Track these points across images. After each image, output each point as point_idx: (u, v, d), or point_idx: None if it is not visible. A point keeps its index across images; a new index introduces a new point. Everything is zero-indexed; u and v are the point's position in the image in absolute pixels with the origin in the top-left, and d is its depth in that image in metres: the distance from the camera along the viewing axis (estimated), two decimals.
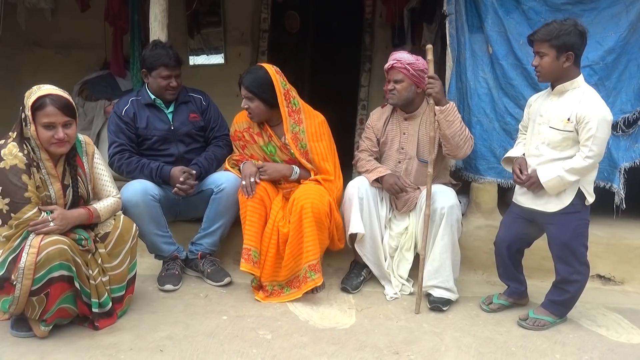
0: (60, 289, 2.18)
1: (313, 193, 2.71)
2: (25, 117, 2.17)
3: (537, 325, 2.55)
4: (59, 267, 2.15)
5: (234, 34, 4.88)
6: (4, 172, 2.13)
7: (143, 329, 2.38)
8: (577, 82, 2.40)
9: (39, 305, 2.15)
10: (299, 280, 2.71)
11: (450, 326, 2.56)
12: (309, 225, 2.65)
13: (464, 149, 2.77)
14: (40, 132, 2.17)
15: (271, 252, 2.73)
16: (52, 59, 4.98)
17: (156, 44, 2.94)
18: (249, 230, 2.73)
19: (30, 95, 2.18)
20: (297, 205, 2.69)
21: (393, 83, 2.82)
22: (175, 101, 2.97)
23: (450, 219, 2.70)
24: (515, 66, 2.98)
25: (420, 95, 2.88)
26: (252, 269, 2.71)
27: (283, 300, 2.72)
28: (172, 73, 2.86)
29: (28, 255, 2.09)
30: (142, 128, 2.89)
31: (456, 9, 3.04)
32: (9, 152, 2.15)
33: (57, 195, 2.26)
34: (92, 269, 2.30)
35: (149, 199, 2.67)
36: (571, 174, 2.36)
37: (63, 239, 2.17)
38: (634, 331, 2.59)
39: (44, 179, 2.23)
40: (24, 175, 2.15)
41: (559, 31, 2.31)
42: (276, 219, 2.74)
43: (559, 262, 2.52)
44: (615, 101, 2.96)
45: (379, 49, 4.87)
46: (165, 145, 2.92)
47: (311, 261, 2.66)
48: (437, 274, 2.73)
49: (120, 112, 2.88)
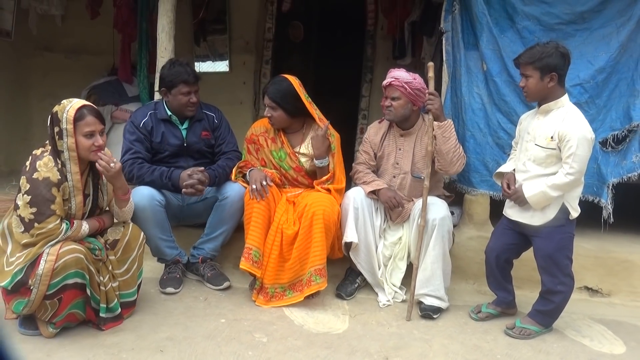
0: (72, 295, 2.29)
1: (325, 201, 2.85)
2: (61, 131, 2.27)
3: (523, 335, 2.65)
4: (74, 275, 2.26)
5: (239, 42, 5.00)
6: (37, 183, 2.22)
7: (144, 329, 2.49)
8: (561, 101, 2.52)
9: (51, 308, 2.27)
10: (302, 284, 2.82)
11: (439, 333, 2.66)
12: (319, 231, 2.77)
13: (456, 166, 2.89)
14: (81, 142, 2.28)
15: (274, 253, 2.83)
16: (62, 64, 5.11)
17: (173, 62, 3.02)
18: (253, 230, 2.82)
19: (65, 110, 2.28)
20: (308, 211, 2.80)
21: (390, 100, 2.92)
22: (191, 118, 3.05)
23: (442, 230, 2.80)
24: (509, 83, 3.08)
25: (416, 112, 2.99)
26: (251, 267, 2.80)
27: (285, 304, 2.81)
28: (191, 89, 2.94)
29: (46, 263, 2.20)
30: (157, 142, 2.98)
31: (452, 27, 3.16)
32: (44, 164, 2.25)
33: (77, 207, 2.36)
34: (103, 275, 2.42)
35: (155, 204, 2.78)
36: (553, 189, 2.47)
37: (80, 248, 2.29)
38: (617, 342, 2.68)
39: (70, 191, 2.32)
40: (54, 188, 2.24)
41: (541, 54, 2.43)
42: (280, 221, 2.85)
43: (543, 273, 2.63)
44: (605, 119, 3.05)
45: (380, 60, 4.98)
46: (176, 158, 3.02)
47: (317, 265, 2.78)
48: (428, 282, 2.83)
49: (138, 124, 2.97)
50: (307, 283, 2.80)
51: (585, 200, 3.05)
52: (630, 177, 3.02)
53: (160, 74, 3.06)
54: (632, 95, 2.94)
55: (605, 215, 3.06)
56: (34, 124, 5.18)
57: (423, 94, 2.90)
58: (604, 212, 3.06)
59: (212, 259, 3.09)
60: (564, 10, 2.97)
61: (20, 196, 2.25)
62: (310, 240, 2.80)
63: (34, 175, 2.23)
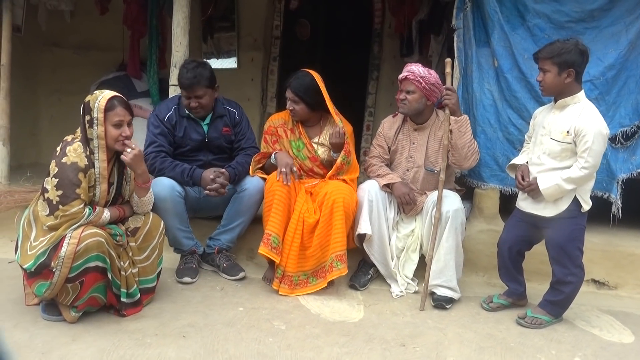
0: (94, 278, 2.34)
1: (345, 190, 2.92)
2: (92, 119, 2.35)
3: (535, 324, 2.71)
4: (95, 258, 2.31)
5: (247, 40, 5.05)
6: (65, 166, 2.30)
7: (165, 317, 2.54)
8: (577, 97, 2.58)
9: (73, 292, 2.31)
10: (324, 270, 2.88)
11: (453, 323, 2.72)
12: (340, 218, 2.84)
13: (470, 161, 2.95)
14: (110, 131, 2.36)
15: (296, 242, 2.88)
16: (70, 59, 5.14)
17: (185, 63, 3.05)
18: (274, 217, 2.87)
19: (97, 99, 2.36)
20: (329, 199, 2.87)
21: (405, 93, 2.98)
22: (212, 114, 3.08)
23: (455, 222, 2.86)
24: (520, 79, 3.14)
25: (430, 107, 3.06)
26: (270, 252, 2.85)
27: (309, 291, 2.88)
28: (189, 94, 2.94)
29: (69, 246, 2.25)
30: (179, 137, 3.02)
31: (464, 24, 3.21)
32: (73, 149, 2.33)
33: (101, 194, 2.42)
34: (124, 261, 2.47)
35: (175, 195, 2.83)
36: (568, 182, 2.53)
37: (101, 232, 2.35)
38: (625, 332, 2.75)
39: (96, 178, 2.38)
40: (80, 173, 2.31)
41: (561, 49, 2.49)
42: (302, 210, 2.90)
43: (555, 263, 2.69)
44: (614, 115, 3.12)
45: (387, 59, 5.04)
46: (196, 153, 3.07)
47: (338, 251, 2.84)
48: (441, 273, 2.89)
49: (163, 117, 3.01)
50: (330, 269, 2.86)
51: (594, 195, 3.11)
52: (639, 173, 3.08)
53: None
54: None
55: (614, 210, 3.12)
56: (42, 119, 5.22)
57: (437, 90, 2.97)
58: (613, 207, 3.12)
59: (227, 250, 3.14)
60: (574, 8, 3.04)
61: (48, 179, 2.32)
62: (331, 227, 2.86)
63: (62, 160, 2.30)
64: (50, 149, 2.62)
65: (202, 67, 2.97)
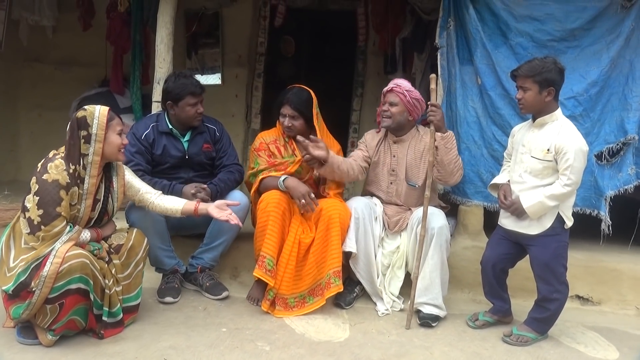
0: (74, 300, 2.28)
1: (340, 206, 2.93)
2: (89, 136, 2.32)
3: (520, 342, 2.70)
4: (78, 280, 2.25)
5: (232, 56, 5.05)
6: (46, 184, 2.25)
7: (146, 338, 2.47)
8: (555, 115, 2.61)
9: (52, 313, 2.24)
10: (321, 288, 2.86)
11: (439, 341, 2.70)
12: (336, 234, 2.83)
13: (455, 177, 2.97)
14: (114, 141, 2.37)
15: (291, 264, 2.86)
16: (52, 75, 5.09)
17: (177, 74, 3.04)
18: (269, 239, 2.83)
19: (95, 115, 2.34)
20: (325, 214, 2.86)
21: (388, 105, 3.01)
22: (192, 131, 3.07)
23: (440, 240, 2.86)
24: (503, 96, 3.17)
25: (410, 122, 3.08)
26: (264, 275, 2.81)
27: (307, 311, 2.85)
28: (198, 100, 2.98)
29: (52, 265, 2.19)
30: (158, 154, 2.99)
31: (447, 42, 3.25)
32: (55, 166, 2.28)
33: (85, 210, 2.37)
34: (108, 279, 2.41)
35: (155, 213, 2.77)
36: (551, 199, 2.55)
37: (86, 253, 2.30)
38: (610, 348, 2.75)
39: (82, 194, 2.34)
40: (62, 190, 2.26)
41: (541, 68, 2.52)
42: (297, 232, 2.88)
43: (540, 281, 2.69)
44: (599, 132, 3.15)
45: (371, 76, 5.08)
46: (176, 170, 3.03)
47: (335, 267, 2.83)
48: (427, 291, 2.87)
49: (140, 135, 2.98)
50: (327, 286, 2.84)
51: (582, 213, 3.15)
52: (627, 189, 3.11)
53: (164, 87, 3.07)
54: (625, 109, 3.06)
55: (604, 227, 3.13)
56: (22, 135, 5.14)
57: (420, 106, 3.02)
58: (603, 224, 3.13)
59: (210, 269, 3.09)
60: (555, 27, 3.09)
61: (29, 197, 2.27)
62: (328, 244, 2.85)
63: (44, 177, 2.26)
64: (30, 165, 2.58)
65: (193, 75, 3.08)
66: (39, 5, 4.69)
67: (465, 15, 3.19)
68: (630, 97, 3.05)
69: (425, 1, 4.00)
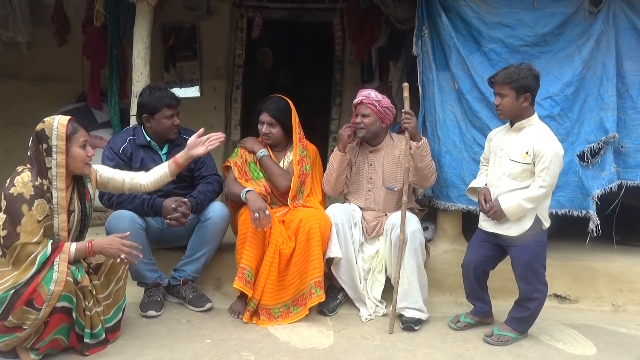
0: (59, 319, 2.26)
1: (320, 215, 2.96)
2: (50, 148, 2.26)
3: (501, 341, 2.75)
4: (63, 299, 2.23)
5: (210, 68, 5.05)
6: (12, 198, 2.21)
7: (129, 353, 2.46)
8: (532, 119, 2.70)
9: (36, 332, 2.21)
10: (304, 298, 2.87)
11: (422, 344, 2.73)
12: (317, 244, 2.85)
13: (430, 180, 3.05)
14: (78, 153, 2.32)
15: (272, 274, 2.87)
16: (27, 91, 5.01)
17: (152, 87, 3.05)
18: (248, 251, 2.85)
19: (54, 127, 2.28)
20: (305, 225, 2.88)
21: (361, 117, 3.07)
22: (170, 143, 3.08)
23: (414, 244, 2.90)
24: (480, 100, 3.22)
25: (384, 130, 3.15)
26: (244, 287, 2.83)
27: (292, 321, 2.86)
28: (174, 112, 2.99)
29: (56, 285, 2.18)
30: (136, 168, 2.96)
31: (423, 50, 3.31)
32: (21, 179, 2.24)
33: (60, 225, 2.33)
34: (88, 300, 2.38)
35: (136, 227, 2.77)
36: (528, 201, 2.62)
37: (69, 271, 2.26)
38: (588, 344, 2.82)
39: (54, 208, 2.30)
40: (24, 205, 2.21)
41: (517, 75, 2.60)
42: (277, 242, 2.89)
43: (521, 281, 2.75)
44: (580, 132, 3.20)
45: (349, 85, 5.13)
46: None
47: (316, 278, 2.85)
48: (406, 295, 2.91)
49: (117, 149, 2.98)
50: (309, 296, 2.86)
51: (571, 215, 3.19)
52: (612, 188, 3.15)
53: (140, 101, 3.06)
54: (603, 108, 3.13)
55: (592, 227, 3.15)
56: None
57: (390, 113, 3.10)
58: (591, 224, 3.16)
59: (193, 281, 3.08)
60: (527, 33, 3.16)
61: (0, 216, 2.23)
62: (309, 254, 2.87)
63: (10, 190, 2.23)
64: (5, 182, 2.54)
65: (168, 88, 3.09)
66: (13, 21, 4.64)
67: (439, 23, 3.25)
68: (607, 96, 3.12)
69: (400, 11, 4.07)
